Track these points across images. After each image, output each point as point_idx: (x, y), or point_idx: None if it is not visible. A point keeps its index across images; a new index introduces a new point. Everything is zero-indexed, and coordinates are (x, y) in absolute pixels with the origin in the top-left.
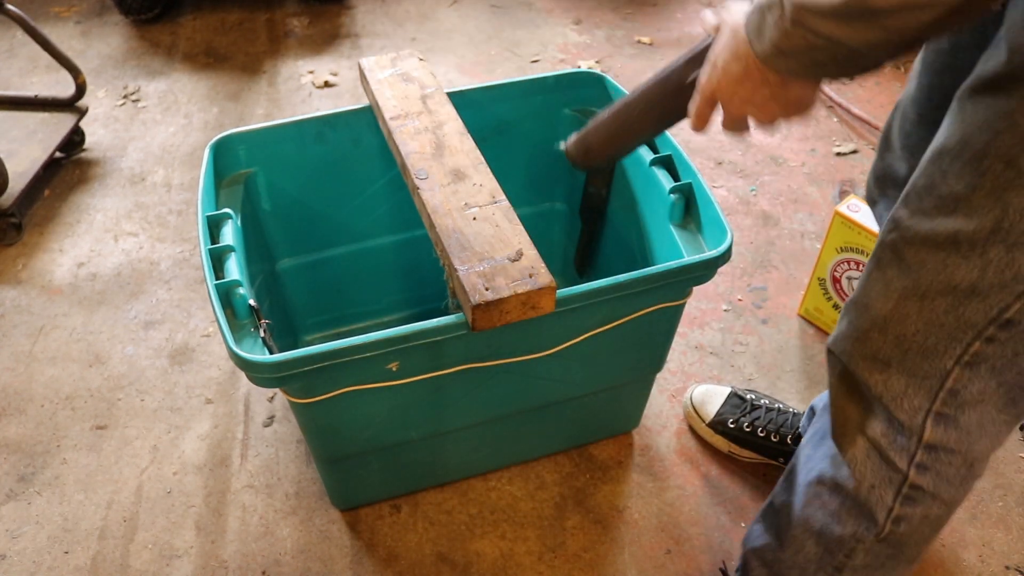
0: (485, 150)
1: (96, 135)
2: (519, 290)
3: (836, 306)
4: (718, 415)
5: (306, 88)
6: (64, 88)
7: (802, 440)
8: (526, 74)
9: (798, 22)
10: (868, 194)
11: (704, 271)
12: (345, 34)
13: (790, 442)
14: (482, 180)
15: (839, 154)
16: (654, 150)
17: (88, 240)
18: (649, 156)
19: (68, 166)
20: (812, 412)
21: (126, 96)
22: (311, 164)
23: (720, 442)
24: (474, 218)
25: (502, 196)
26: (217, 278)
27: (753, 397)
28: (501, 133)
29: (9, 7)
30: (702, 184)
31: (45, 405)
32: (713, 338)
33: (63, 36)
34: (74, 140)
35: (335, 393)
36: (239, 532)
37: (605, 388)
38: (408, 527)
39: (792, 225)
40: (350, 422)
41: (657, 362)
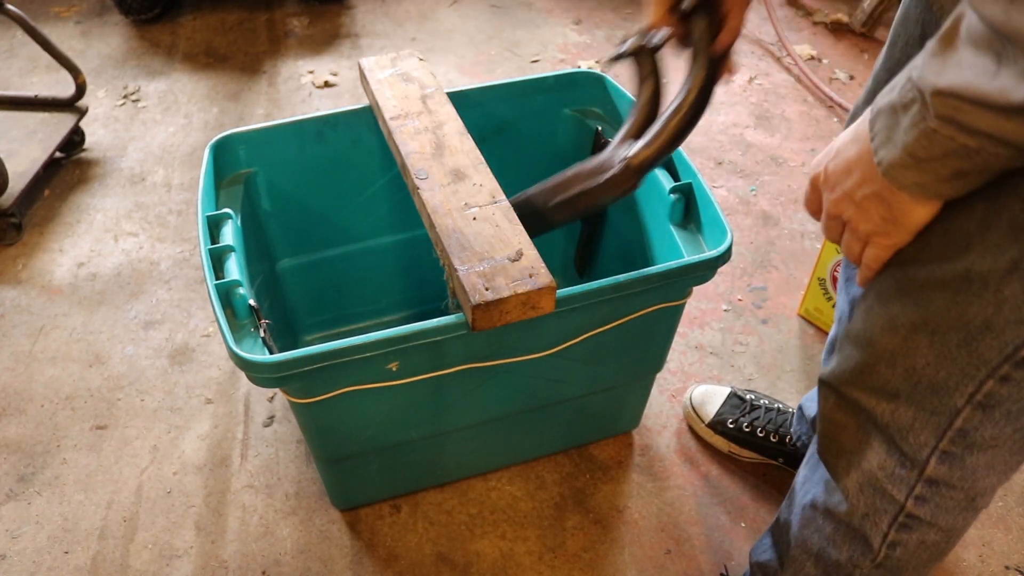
0: (485, 150)
1: (96, 135)
2: (519, 290)
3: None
4: (717, 415)
5: (306, 88)
6: (64, 88)
7: (803, 459)
8: (526, 74)
9: (948, 119)
10: None
11: (704, 271)
12: (345, 34)
13: (789, 442)
14: (482, 180)
15: None
16: None
17: (88, 240)
18: None
19: (68, 166)
20: (801, 413)
21: (126, 96)
22: (311, 164)
23: (720, 442)
24: (474, 218)
25: (502, 196)
26: (217, 278)
27: (753, 397)
28: (501, 133)
29: (9, 7)
30: (702, 184)
31: (45, 405)
32: (713, 338)
33: (63, 36)
34: (74, 140)
35: (335, 393)
36: (239, 532)
37: (605, 388)
38: (408, 527)
39: (792, 225)
40: (350, 422)
41: (657, 362)
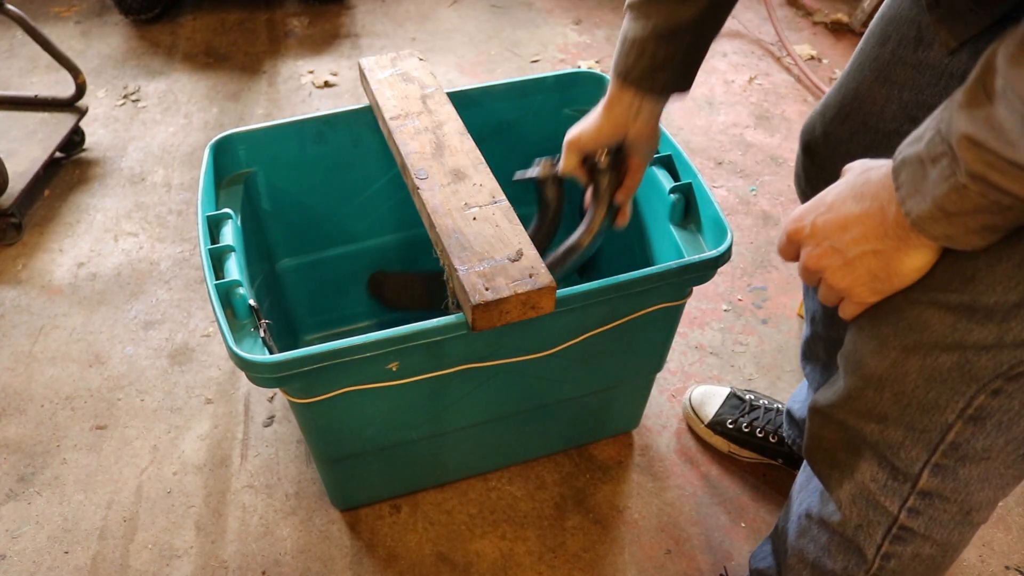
0: (485, 150)
1: (96, 135)
2: (519, 290)
3: None
4: (717, 416)
5: (306, 88)
6: (64, 88)
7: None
8: (526, 74)
9: (980, 176)
10: None
11: (704, 271)
12: (345, 34)
13: (789, 443)
14: (482, 180)
15: None
16: None
17: (88, 240)
18: None
19: (68, 166)
20: (791, 416)
21: (126, 96)
22: (311, 164)
23: (720, 442)
24: (474, 218)
25: (502, 196)
26: (217, 278)
27: (752, 397)
28: (501, 133)
29: (9, 7)
30: (702, 184)
31: (45, 405)
32: (713, 338)
33: (63, 36)
34: (74, 140)
35: (335, 393)
36: (239, 532)
37: (605, 388)
38: (408, 527)
39: None
40: (350, 422)
41: (657, 362)
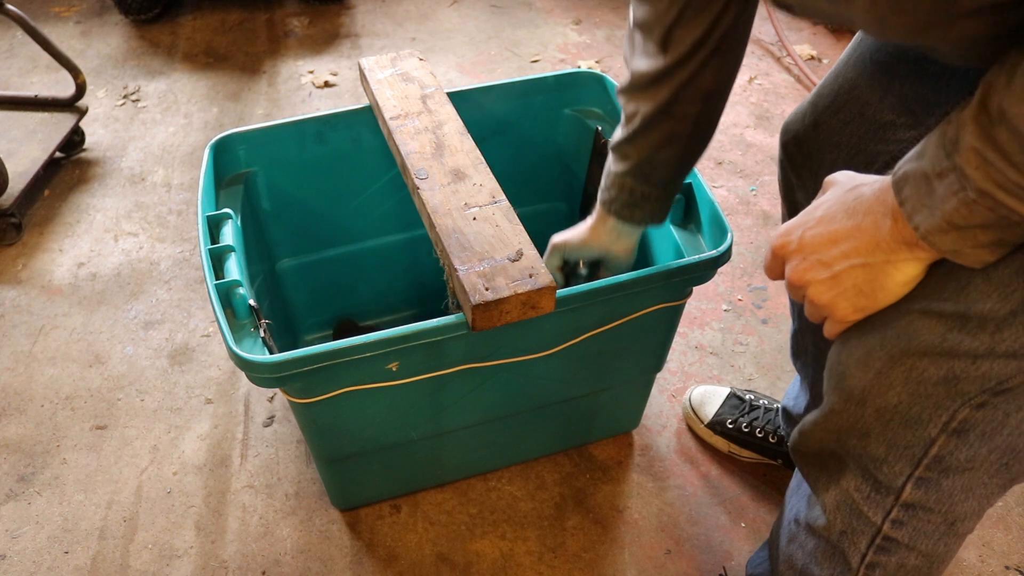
0: (485, 150)
1: (96, 135)
2: (519, 290)
3: None
4: (716, 416)
5: (306, 88)
6: (64, 88)
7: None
8: (526, 74)
9: (987, 194)
10: None
11: (704, 271)
12: (345, 34)
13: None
14: (482, 180)
15: None
16: None
17: (88, 240)
18: None
19: (68, 166)
20: (787, 413)
21: (126, 96)
22: (311, 164)
23: (719, 442)
24: (474, 218)
25: (502, 196)
26: (217, 278)
27: (752, 397)
28: (501, 133)
29: (9, 7)
30: (702, 184)
31: (45, 405)
32: (713, 338)
33: (63, 36)
34: (74, 140)
35: (335, 393)
36: (239, 532)
37: (605, 388)
38: (408, 527)
39: None
40: (350, 422)
41: (657, 362)
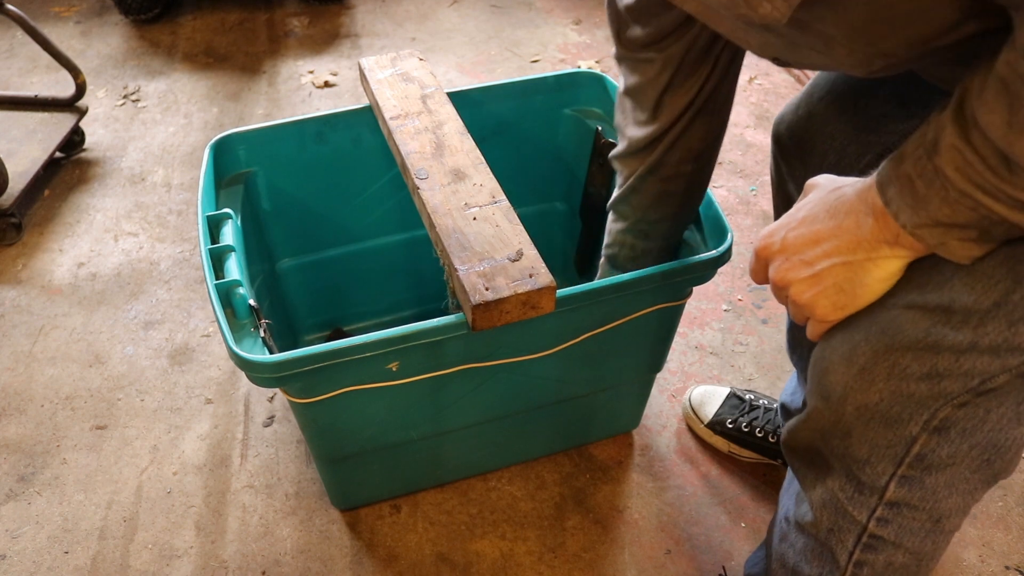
0: (485, 150)
1: (96, 135)
2: (519, 290)
3: None
4: (716, 416)
5: (306, 88)
6: (64, 88)
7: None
8: (526, 74)
9: (967, 195)
10: None
11: (704, 271)
12: (345, 34)
13: None
14: (482, 180)
15: None
16: None
17: (88, 240)
18: None
19: (68, 166)
20: (786, 409)
21: (126, 96)
22: (311, 164)
23: (719, 442)
24: (474, 218)
25: (502, 196)
26: (217, 278)
27: (752, 397)
28: (501, 133)
29: (9, 7)
30: None
31: (45, 405)
32: (713, 338)
33: (63, 36)
34: (74, 140)
35: (335, 393)
36: (239, 532)
37: (605, 388)
38: (408, 527)
39: None
40: (350, 422)
41: (657, 362)
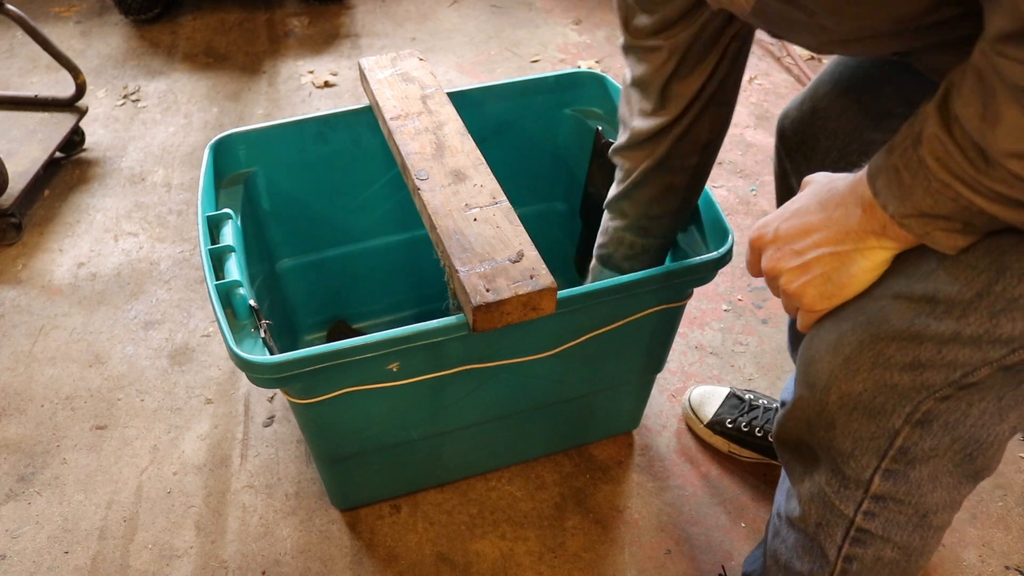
0: (485, 150)
1: (96, 135)
2: (520, 291)
3: None
4: (716, 415)
5: (306, 88)
6: (64, 88)
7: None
8: (526, 74)
9: (947, 185)
10: None
11: (705, 272)
12: (345, 34)
13: None
14: (482, 181)
15: None
16: None
17: (88, 240)
18: None
19: (68, 166)
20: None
21: (126, 96)
22: (311, 164)
23: (719, 442)
24: (475, 219)
25: (502, 197)
26: (217, 278)
27: (752, 397)
28: (501, 133)
29: (9, 7)
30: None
31: (45, 405)
32: (713, 338)
33: (63, 36)
34: (74, 140)
35: (335, 394)
36: (239, 532)
37: (605, 388)
38: (408, 527)
39: None
40: (350, 422)
41: (657, 362)
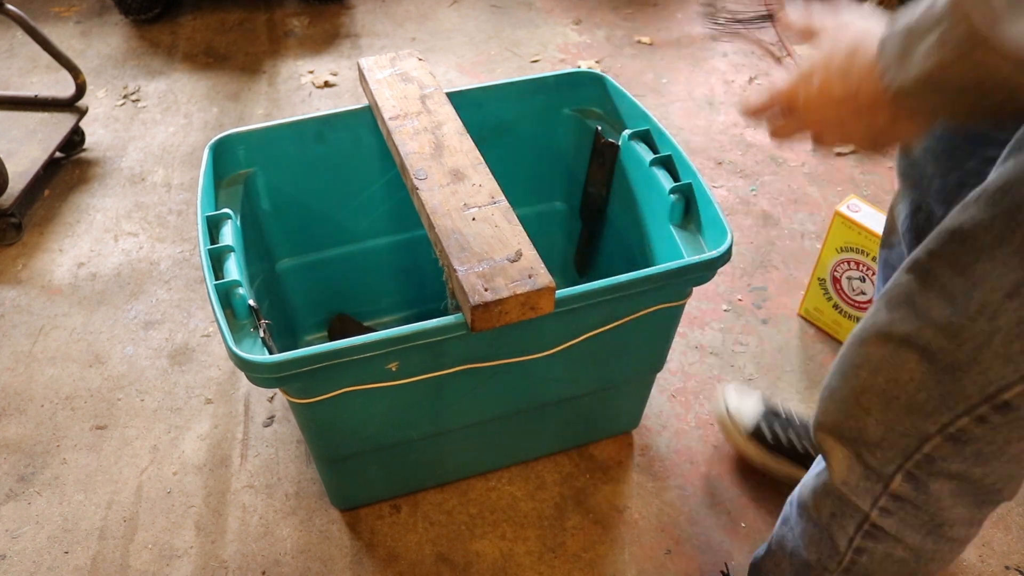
0: (485, 150)
1: (96, 135)
2: (518, 291)
3: (836, 306)
4: (756, 427)
5: (306, 88)
6: (64, 88)
7: None
8: (526, 74)
9: (970, 55)
10: (885, 234)
11: (704, 271)
12: (345, 34)
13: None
14: (481, 180)
15: (839, 154)
16: (654, 150)
17: (88, 240)
18: (649, 156)
19: (68, 166)
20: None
21: (126, 96)
22: (311, 164)
23: (755, 453)
24: (473, 219)
25: (501, 196)
26: (217, 278)
27: (786, 410)
28: (501, 133)
29: (9, 7)
30: (702, 184)
31: (45, 405)
32: (713, 338)
33: (63, 36)
34: (74, 140)
35: (335, 393)
36: (239, 532)
37: (605, 388)
38: (408, 527)
39: (792, 225)
40: (350, 422)
41: (657, 362)
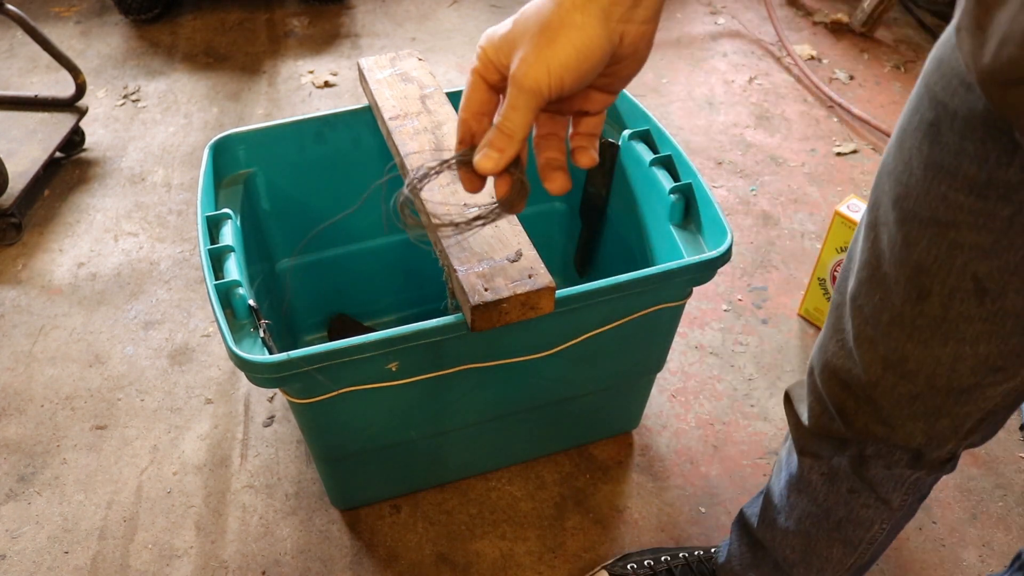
0: None
1: (96, 135)
2: (518, 291)
3: None
4: None
5: (306, 88)
6: (64, 88)
7: None
8: None
9: None
10: None
11: (704, 271)
12: (345, 34)
13: None
14: None
15: (839, 154)
16: (654, 150)
17: (88, 240)
18: (649, 156)
19: (68, 166)
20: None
21: (126, 96)
22: (311, 164)
23: None
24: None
25: None
26: (217, 278)
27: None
28: None
29: (9, 7)
30: (702, 184)
31: (45, 405)
32: (713, 338)
33: (63, 36)
34: (74, 140)
35: (335, 393)
36: (239, 532)
37: (605, 388)
38: (408, 527)
39: (792, 225)
40: (350, 422)
41: (657, 362)
